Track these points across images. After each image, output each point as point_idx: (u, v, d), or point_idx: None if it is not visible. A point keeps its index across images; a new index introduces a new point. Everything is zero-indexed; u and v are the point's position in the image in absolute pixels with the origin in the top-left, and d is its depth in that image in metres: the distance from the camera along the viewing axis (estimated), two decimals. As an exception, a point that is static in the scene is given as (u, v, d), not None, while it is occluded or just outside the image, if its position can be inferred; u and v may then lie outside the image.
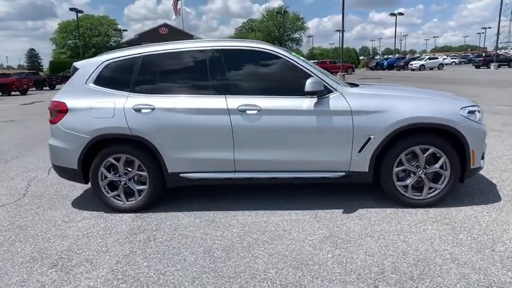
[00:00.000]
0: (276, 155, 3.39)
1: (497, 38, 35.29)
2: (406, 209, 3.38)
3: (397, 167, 3.36)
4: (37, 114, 12.42)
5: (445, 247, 2.70)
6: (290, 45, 68.50)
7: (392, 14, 46.54)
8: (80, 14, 34.79)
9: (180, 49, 3.58)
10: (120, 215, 3.56)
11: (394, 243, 2.80)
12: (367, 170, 3.37)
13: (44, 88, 29.22)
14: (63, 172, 3.74)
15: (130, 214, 3.56)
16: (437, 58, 44.94)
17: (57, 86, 31.18)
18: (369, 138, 3.27)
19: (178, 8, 66.69)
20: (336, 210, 3.45)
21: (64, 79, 36.91)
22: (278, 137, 3.35)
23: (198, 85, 3.51)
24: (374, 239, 2.88)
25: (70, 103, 3.54)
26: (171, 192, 3.89)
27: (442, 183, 3.38)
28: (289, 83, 3.51)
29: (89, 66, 3.63)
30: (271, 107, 3.32)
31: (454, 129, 3.23)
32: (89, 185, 4.40)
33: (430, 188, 3.39)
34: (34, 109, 14.51)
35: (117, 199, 3.63)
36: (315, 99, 3.31)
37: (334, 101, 3.30)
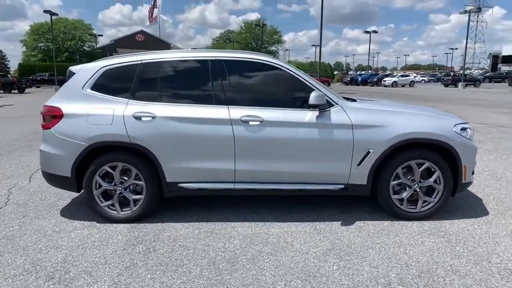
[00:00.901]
0: (277, 167, 3.41)
1: (464, 59, 37.42)
2: (401, 222, 3.48)
3: (393, 180, 3.46)
4: (7, 118, 11.84)
5: (445, 259, 2.80)
6: (268, 57, 69.19)
7: (367, 32, 48.33)
8: (53, 17, 33.63)
9: (182, 58, 3.56)
10: (114, 225, 3.43)
11: (395, 255, 2.87)
12: (365, 183, 3.45)
13: (13, 91, 27.90)
14: (55, 180, 3.57)
15: (125, 224, 3.44)
16: (409, 76, 46.97)
17: (27, 90, 29.93)
18: (368, 152, 3.36)
19: (154, 15, 66.23)
20: (334, 222, 3.50)
21: (34, 82, 35.65)
22: (280, 149, 3.38)
23: (200, 95, 3.49)
24: (376, 251, 2.94)
25: (65, 108, 3.42)
26: (166, 203, 3.80)
27: (435, 197, 3.51)
28: (292, 95, 3.57)
29: (86, 71, 3.53)
30: (273, 119, 3.35)
31: (448, 145, 3.38)
32: (76, 194, 4.25)
33: (424, 201, 3.51)
34: (3, 113, 13.81)
35: (111, 209, 3.51)
36: (316, 112, 3.37)
37: (335, 115, 3.38)
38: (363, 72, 61.16)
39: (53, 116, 3.45)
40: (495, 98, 21.06)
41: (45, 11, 32.85)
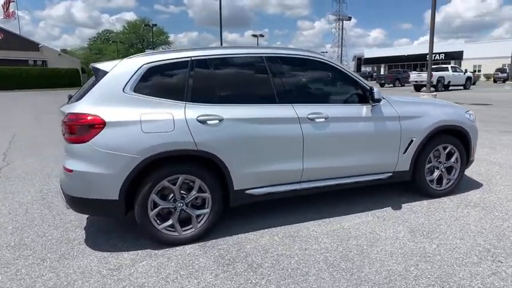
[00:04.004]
0: (340, 162, 3.47)
1: (341, 61, 43.17)
2: (435, 200, 3.93)
3: (427, 163, 3.90)
4: None
5: (498, 223, 3.32)
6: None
7: (254, 36, 50.98)
8: None
9: (239, 54, 3.28)
10: (179, 249, 2.96)
11: (463, 226, 3.27)
12: (408, 169, 3.80)
13: None
14: (91, 206, 2.87)
15: (190, 246, 3.00)
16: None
17: None
18: (412, 140, 3.71)
19: (11, 10, 56.48)
20: (386, 208, 3.73)
21: None
22: (343, 144, 3.45)
23: (262, 94, 3.28)
24: (446, 226, 3.29)
25: (108, 115, 2.78)
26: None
27: (454, 175, 4.09)
28: (346, 92, 3.67)
29: (123, 69, 2.94)
30: (336, 115, 3.40)
31: (465, 129, 3.99)
32: (83, 223, 3.50)
33: (447, 180, 4.06)
34: None
35: (169, 230, 3.01)
36: (370, 107, 3.55)
37: (385, 108, 3.63)
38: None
39: (89, 126, 2.76)
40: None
41: None
